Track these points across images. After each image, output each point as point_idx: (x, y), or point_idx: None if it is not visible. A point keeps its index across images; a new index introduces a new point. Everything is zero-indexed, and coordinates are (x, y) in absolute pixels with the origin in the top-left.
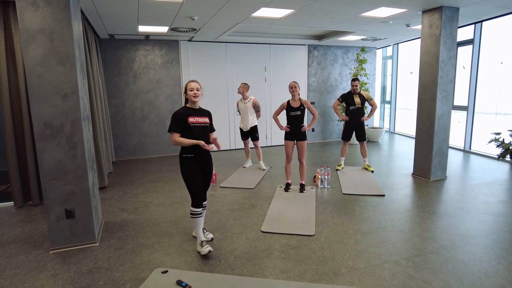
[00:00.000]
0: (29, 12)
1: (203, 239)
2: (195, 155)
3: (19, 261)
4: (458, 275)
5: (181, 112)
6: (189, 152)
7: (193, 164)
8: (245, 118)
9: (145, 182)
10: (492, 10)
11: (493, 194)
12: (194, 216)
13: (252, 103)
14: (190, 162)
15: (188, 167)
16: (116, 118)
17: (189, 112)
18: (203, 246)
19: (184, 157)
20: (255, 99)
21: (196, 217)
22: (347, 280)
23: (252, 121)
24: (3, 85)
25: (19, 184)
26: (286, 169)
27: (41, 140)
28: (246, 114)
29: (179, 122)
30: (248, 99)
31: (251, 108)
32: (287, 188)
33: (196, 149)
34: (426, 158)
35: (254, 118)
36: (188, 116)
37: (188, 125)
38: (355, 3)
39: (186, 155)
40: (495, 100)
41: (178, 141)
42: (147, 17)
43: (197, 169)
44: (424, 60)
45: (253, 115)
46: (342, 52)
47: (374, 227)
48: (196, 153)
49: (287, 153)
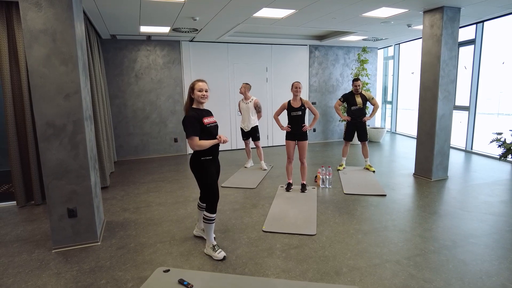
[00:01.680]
0: (32, 12)
1: (215, 243)
2: (213, 157)
3: (22, 260)
4: (459, 274)
5: (195, 114)
6: (207, 155)
7: (212, 167)
8: (246, 118)
9: (147, 182)
10: (494, 10)
11: (495, 194)
12: (210, 222)
13: (253, 103)
14: (210, 166)
15: (209, 172)
16: (118, 118)
17: (201, 113)
18: (216, 251)
19: (203, 161)
20: (257, 100)
21: (211, 223)
22: (349, 280)
23: (253, 121)
24: (6, 85)
25: (21, 184)
26: (288, 169)
27: (44, 139)
28: (247, 115)
29: (196, 125)
30: (250, 99)
31: (253, 108)
32: (289, 188)
33: (213, 151)
34: (427, 158)
35: (255, 118)
36: (203, 118)
37: (205, 126)
38: (356, 3)
39: (205, 158)
40: (496, 100)
41: (201, 144)
42: (149, 18)
43: (214, 172)
44: (426, 60)
45: (254, 115)
46: (343, 52)
47: (375, 227)
48: (213, 154)
49: (288, 153)
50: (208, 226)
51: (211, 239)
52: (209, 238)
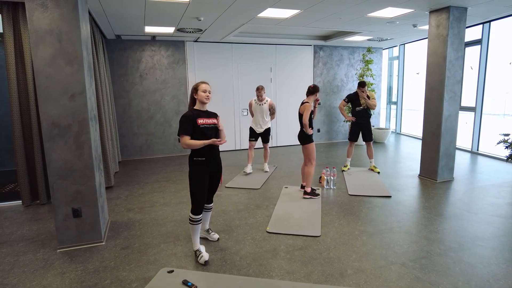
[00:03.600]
0: (38, 13)
1: (198, 247)
2: (207, 159)
3: (27, 259)
4: (466, 277)
5: (190, 114)
6: (200, 156)
7: (203, 169)
8: (259, 119)
9: (151, 182)
10: (501, 9)
11: (502, 196)
12: (193, 223)
13: (268, 105)
14: (200, 167)
15: (197, 173)
16: (123, 118)
17: (198, 114)
18: (197, 256)
19: (195, 161)
20: (272, 101)
21: (195, 224)
22: (353, 282)
23: (267, 123)
24: (12, 85)
25: (27, 183)
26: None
27: (49, 139)
28: (261, 116)
29: (188, 124)
30: (265, 100)
31: (267, 110)
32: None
33: (208, 152)
34: (433, 159)
35: (269, 120)
36: (197, 118)
37: (198, 126)
38: (362, 3)
39: (197, 159)
40: (503, 101)
41: (189, 143)
42: (154, 18)
43: (205, 176)
44: (431, 60)
45: (268, 117)
46: (348, 52)
47: (381, 229)
48: (207, 156)
49: (314, 156)
50: (190, 227)
51: (194, 242)
52: (193, 240)
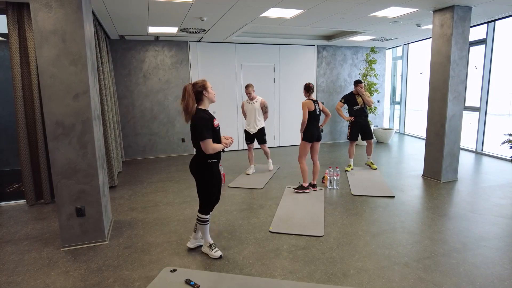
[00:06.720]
0: (42, 13)
1: (212, 241)
2: (218, 160)
3: (31, 258)
4: (470, 278)
5: (207, 116)
6: (214, 157)
7: (217, 170)
8: (252, 119)
9: (154, 181)
10: (506, 8)
11: (506, 197)
12: (204, 223)
13: (260, 103)
14: (216, 169)
15: (213, 174)
16: (126, 118)
17: (211, 115)
18: (213, 250)
19: (209, 163)
20: (263, 100)
21: (206, 224)
22: (356, 282)
23: (260, 123)
24: (17, 85)
25: (31, 183)
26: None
27: (53, 139)
28: (253, 116)
29: (210, 127)
30: (256, 99)
31: (259, 109)
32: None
33: (219, 153)
34: (436, 159)
35: (262, 119)
36: (213, 119)
37: (214, 128)
38: (365, 3)
39: (211, 161)
40: (508, 101)
41: (215, 147)
42: (157, 18)
43: (220, 176)
44: (435, 60)
45: (261, 116)
46: (351, 52)
47: (384, 229)
48: (219, 157)
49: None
50: (203, 227)
51: (208, 238)
52: (205, 237)
